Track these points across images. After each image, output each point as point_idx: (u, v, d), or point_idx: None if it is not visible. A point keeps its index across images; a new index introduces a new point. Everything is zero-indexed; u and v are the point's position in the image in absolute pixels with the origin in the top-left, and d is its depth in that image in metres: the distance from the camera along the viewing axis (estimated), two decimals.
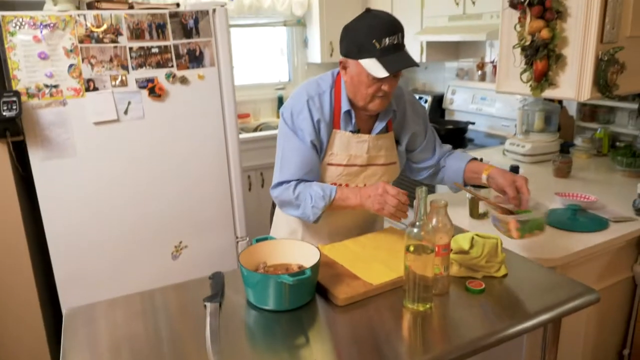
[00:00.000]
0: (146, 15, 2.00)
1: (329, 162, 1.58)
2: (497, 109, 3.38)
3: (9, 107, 1.79)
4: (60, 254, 2.08)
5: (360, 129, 1.59)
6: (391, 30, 1.37)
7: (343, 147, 1.57)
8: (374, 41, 1.36)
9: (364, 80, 1.43)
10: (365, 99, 1.48)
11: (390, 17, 1.42)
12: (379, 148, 1.60)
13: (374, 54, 1.37)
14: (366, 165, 1.60)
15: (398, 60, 1.38)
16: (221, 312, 1.26)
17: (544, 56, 1.80)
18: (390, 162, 1.64)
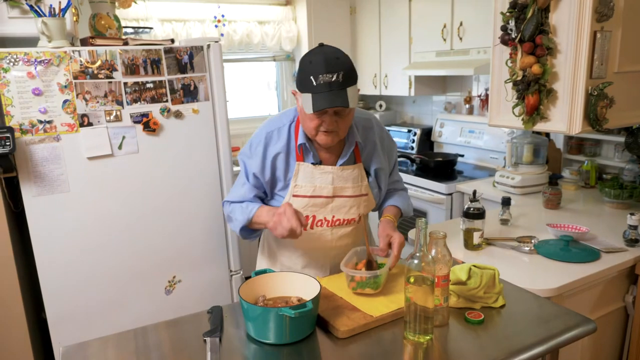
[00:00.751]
0: (141, 51, 2.03)
1: (294, 193, 1.59)
2: (485, 142, 3.45)
3: (2, 143, 1.78)
4: (52, 290, 2.03)
5: (323, 160, 1.60)
6: (329, 68, 1.36)
7: (307, 179, 1.58)
8: (311, 77, 1.37)
9: (309, 115, 1.45)
10: (311, 132, 1.50)
11: (335, 54, 1.40)
12: (345, 179, 1.60)
13: (311, 89, 1.38)
14: (332, 196, 1.60)
15: (328, 98, 1.37)
16: (221, 346, 1.24)
17: (535, 91, 1.85)
18: (360, 194, 1.63)
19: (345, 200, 1.61)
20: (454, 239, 2.06)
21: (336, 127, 1.47)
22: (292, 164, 1.59)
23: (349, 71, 1.40)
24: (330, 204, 1.61)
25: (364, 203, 1.65)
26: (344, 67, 1.38)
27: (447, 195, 3.00)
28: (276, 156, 1.58)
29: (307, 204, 1.59)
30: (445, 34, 3.33)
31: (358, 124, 1.63)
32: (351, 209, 1.63)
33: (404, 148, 4.01)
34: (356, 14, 4.23)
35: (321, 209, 1.61)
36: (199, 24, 3.84)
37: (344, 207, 1.62)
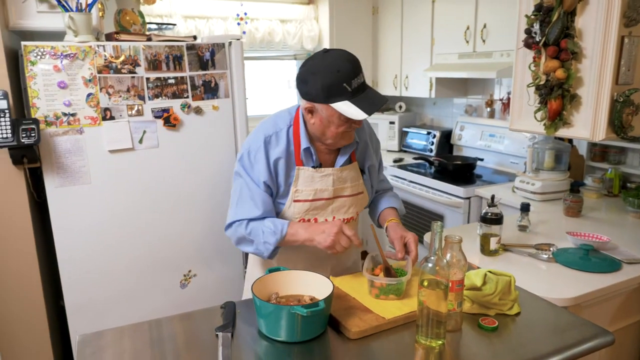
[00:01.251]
0: (164, 47, 2.05)
1: (295, 198, 1.57)
2: (506, 146, 3.40)
3: (28, 134, 1.82)
4: (70, 279, 2.08)
5: (323, 162, 1.59)
6: (356, 71, 1.38)
7: (307, 183, 1.57)
8: (344, 84, 1.36)
9: (335, 121, 1.43)
10: (335, 137, 1.49)
11: (351, 56, 1.42)
12: (344, 180, 1.60)
13: (346, 96, 1.38)
14: (333, 198, 1.60)
15: (369, 99, 1.39)
16: (233, 342, 1.25)
17: (558, 96, 1.82)
18: (358, 193, 1.65)
19: (344, 200, 1.62)
20: (471, 243, 2.04)
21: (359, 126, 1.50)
22: (292, 169, 1.57)
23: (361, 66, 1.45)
24: (331, 205, 1.61)
25: (360, 201, 1.67)
26: (360, 65, 1.42)
27: (465, 199, 2.97)
28: (277, 160, 1.55)
29: (308, 207, 1.58)
30: (468, 35, 3.29)
31: None
32: (350, 208, 1.64)
33: (422, 150, 3.98)
34: (378, 14, 4.21)
35: (322, 211, 1.60)
36: (221, 21, 3.87)
37: (344, 207, 1.63)
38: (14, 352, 2.12)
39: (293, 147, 1.55)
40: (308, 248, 1.57)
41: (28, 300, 2.10)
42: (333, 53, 1.41)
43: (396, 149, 4.23)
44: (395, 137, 4.21)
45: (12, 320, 2.10)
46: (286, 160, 1.55)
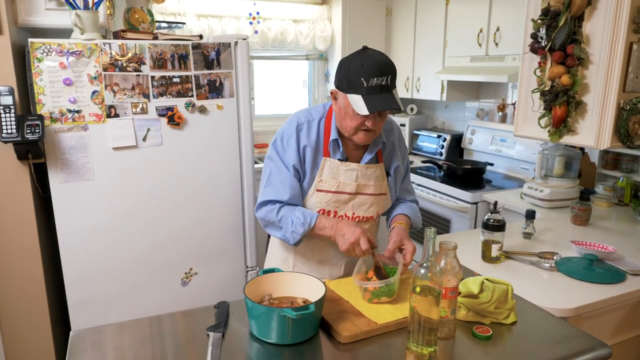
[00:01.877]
0: (169, 46, 2.06)
1: (318, 188, 1.63)
2: (517, 152, 3.36)
3: (32, 130, 1.84)
4: (73, 275, 2.10)
5: (349, 157, 1.64)
6: (381, 71, 1.42)
7: (332, 175, 1.62)
8: (362, 79, 1.42)
9: (350, 113, 1.49)
10: (349, 131, 1.54)
11: (384, 58, 1.47)
12: (368, 177, 1.64)
13: (361, 91, 1.43)
14: (355, 193, 1.64)
15: (381, 101, 1.43)
16: (224, 342, 1.26)
17: (563, 102, 1.78)
18: (380, 193, 1.68)
19: (366, 197, 1.66)
20: (474, 249, 2.01)
21: (376, 127, 1.52)
22: (319, 159, 1.63)
23: (395, 75, 1.48)
24: (352, 201, 1.65)
25: (382, 202, 1.70)
26: (393, 71, 1.46)
27: (472, 204, 2.94)
28: (305, 148, 1.61)
29: (330, 199, 1.63)
30: (481, 39, 3.26)
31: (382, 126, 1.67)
32: (371, 207, 1.67)
33: (433, 153, 3.94)
34: (392, 16, 4.18)
35: (343, 205, 1.65)
36: (234, 20, 3.89)
37: (365, 205, 1.66)
38: (16, 346, 2.15)
39: (323, 138, 1.62)
40: (326, 242, 1.65)
41: (30, 294, 2.13)
42: (369, 51, 1.48)
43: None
44: (406, 139, 4.18)
45: (14, 315, 2.13)
46: (314, 150, 1.62)
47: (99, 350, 1.26)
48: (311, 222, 1.57)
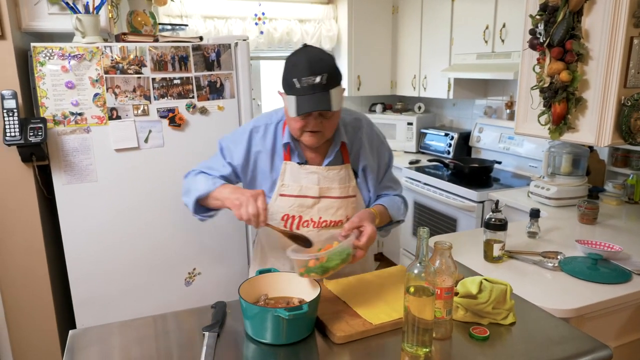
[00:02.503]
0: (170, 48, 2.08)
1: (281, 192, 1.57)
2: (526, 149, 3.31)
3: (35, 133, 1.87)
4: (78, 275, 2.13)
5: (310, 160, 1.58)
6: (312, 70, 1.35)
7: (294, 179, 1.57)
8: (294, 79, 1.36)
9: (291, 114, 1.43)
10: (296, 133, 1.49)
11: (320, 56, 1.39)
12: (331, 180, 1.57)
13: (294, 91, 1.37)
14: (319, 197, 1.57)
15: (312, 101, 1.36)
16: (219, 342, 1.26)
17: (563, 99, 1.74)
18: (347, 196, 1.60)
19: (332, 201, 1.58)
20: (477, 249, 1.99)
21: (321, 128, 1.45)
22: (277, 164, 1.57)
23: (332, 73, 1.38)
24: (317, 205, 1.58)
25: (351, 205, 1.62)
26: (327, 69, 1.37)
27: (479, 203, 2.90)
28: (258, 153, 1.57)
29: (293, 203, 1.57)
30: (487, 35, 3.22)
31: (347, 124, 1.61)
32: (338, 210, 1.59)
33: (440, 152, 3.91)
34: (398, 14, 4.16)
35: (308, 210, 1.58)
36: (240, 21, 3.90)
37: (331, 209, 1.59)
38: (23, 345, 2.19)
39: (280, 142, 1.57)
40: None
41: (36, 294, 2.16)
42: (307, 49, 1.41)
43: (413, 150, 4.17)
44: (413, 138, 4.16)
45: (21, 314, 2.16)
46: (270, 154, 1.57)
47: (95, 349, 1.27)
48: (215, 184, 1.51)
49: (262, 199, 1.39)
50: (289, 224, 1.58)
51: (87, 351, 1.26)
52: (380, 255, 4.37)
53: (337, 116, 1.48)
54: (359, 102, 4.64)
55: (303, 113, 1.37)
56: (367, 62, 4.24)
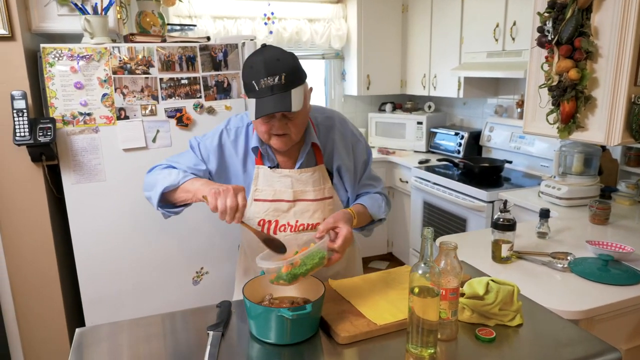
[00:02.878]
0: (177, 48, 2.08)
1: (255, 197, 1.54)
2: (537, 149, 3.28)
3: (44, 133, 1.89)
4: (87, 273, 2.15)
5: (282, 163, 1.54)
6: (268, 71, 1.30)
7: (267, 183, 1.53)
8: (253, 82, 1.32)
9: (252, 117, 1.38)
10: (263, 136, 1.43)
11: (276, 56, 1.34)
12: (305, 183, 1.53)
13: (254, 94, 1.33)
14: (294, 200, 1.53)
15: (271, 103, 1.31)
16: (224, 341, 1.26)
17: (571, 97, 1.71)
18: (323, 198, 1.55)
19: (307, 204, 1.54)
20: (485, 249, 1.97)
21: (287, 130, 1.41)
22: (250, 168, 1.54)
23: (291, 72, 1.34)
24: (293, 209, 1.54)
25: (328, 207, 1.56)
26: (286, 69, 1.33)
27: (488, 203, 2.88)
28: (230, 157, 1.54)
29: (268, 208, 1.53)
30: (498, 33, 3.19)
31: (320, 124, 1.57)
32: (315, 213, 1.55)
33: (451, 151, 3.88)
34: (407, 12, 4.14)
35: (283, 214, 1.54)
36: (249, 21, 3.91)
37: (307, 212, 1.54)
38: (33, 344, 2.22)
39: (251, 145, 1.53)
40: None
41: (46, 293, 2.19)
42: (264, 50, 1.36)
43: (423, 150, 4.15)
44: (423, 137, 4.13)
45: (31, 313, 2.19)
46: (243, 158, 1.53)
47: (99, 348, 1.28)
48: (185, 177, 1.45)
49: (243, 195, 1.32)
50: (265, 228, 1.54)
51: (93, 349, 1.27)
52: (389, 255, 4.36)
53: (302, 117, 1.43)
54: (368, 101, 4.63)
55: (262, 115, 1.32)
56: (377, 61, 4.22)
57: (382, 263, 4.30)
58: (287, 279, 1.28)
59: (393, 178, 4.03)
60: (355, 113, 4.58)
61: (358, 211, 1.50)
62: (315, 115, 1.57)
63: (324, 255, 1.33)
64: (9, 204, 2.07)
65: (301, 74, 1.39)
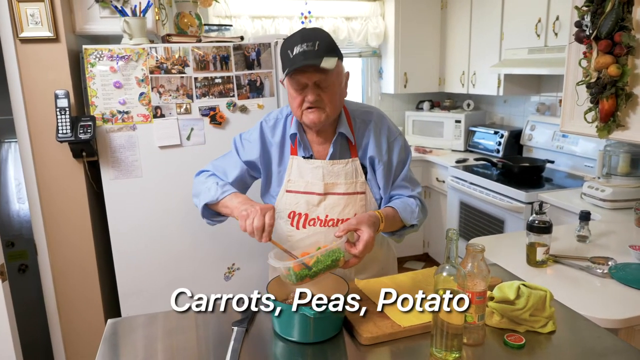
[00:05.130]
0: (211, 48, 2.12)
1: (287, 188, 1.54)
2: (581, 148, 3.15)
3: (85, 130, 1.97)
4: (123, 267, 2.23)
5: (316, 154, 1.52)
6: (302, 38, 1.31)
7: (299, 174, 1.52)
8: (288, 51, 1.33)
9: (292, 93, 1.39)
10: (297, 113, 1.42)
11: (316, 29, 1.36)
12: (337, 175, 1.50)
13: (289, 63, 1.33)
14: (324, 194, 1.51)
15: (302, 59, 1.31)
16: (247, 337, 1.27)
17: (611, 95, 1.63)
18: (354, 192, 1.52)
19: (338, 198, 1.51)
20: (521, 252, 1.90)
21: (320, 103, 1.39)
22: (286, 158, 1.55)
23: (326, 42, 1.34)
24: (323, 202, 1.52)
25: (360, 202, 1.53)
26: (321, 38, 1.33)
27: (527, 204, 2.78)
28: (271, 146, 1.55)
29: (299, 200, 1.53)
30: (540, 29, 3.08)
31: (357, 117, 1.55)
32: (345, 208, 1.51)
33: (490, 151, 3.78)
34: (447, 9, 4.06)
35: (314, 207, 1.52)
36: (287, 20, 3.93)
37: (338, 206, 1.51)
38: (72, 335, 2.31)
39: (289, 135, 1.53)
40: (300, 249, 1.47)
41: (85, 285, 2.28)
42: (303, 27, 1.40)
43: (462, 149, 4.06)
44: (461, 136, 4.04)
45: (71, 304, 2.29)
46: (279, 148, 1.54)
47: (130, 339, 1.32)
48: (225, 192, 1.48)
49: (271, 215, 1.33)
50: (295, 221, 1.54)
51: (121, 340, 1.31)
52: (425, 255, 4.29)
53: (336, 89, 1.41)
54: (405, 99, 4.57)
55: (292, 69, 1.31)
56: (414, 58, 4.16)
57: (418, 264, 4.24)
58: (294, 279, 1.27)
59: (429, 177, 3.97)
60: (392, 111, 4.53)
61: (387, 214, 1.45)
62: (353, 108, 1.56)
63: (339, 258, 1.30)
64: (51, 198, 2.17)
65: (336, 49, 1.38)
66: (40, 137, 2.11)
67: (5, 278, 1.75)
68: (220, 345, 1.24)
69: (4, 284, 1.73)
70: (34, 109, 2.09)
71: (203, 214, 1.55)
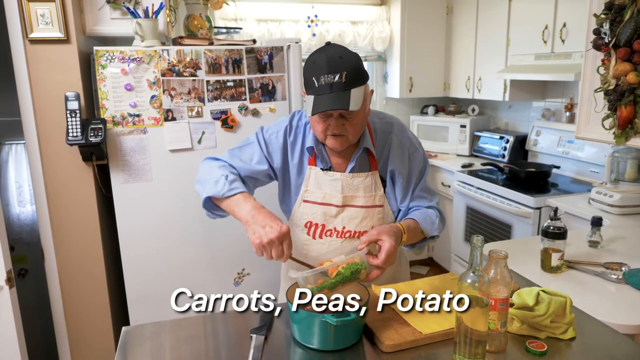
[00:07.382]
0: (224, 51, 2.11)
1: (304, 198, 1.52)
2: (587, 154, 3.15)
3: (95, 133, 1.95)
4: (132, 272, 2.20)
5: (335, 166, 1.50)
6: (330, 68, 1.27)
7: (317, 185, 1.50)
8: (313, 78, 1.30)
9: (316, 117, 1.36)
10: (320, 136, 1.41)
11: (339, 54, 1.31)
12: (356, 188, 1.48)
13: (313, 90, 1.30)
14: (343, 206, 1.49)
15: (328, 100, 1.28)
16: (266, 345, 1.26)
17: (629, 102, 1.63)
18: (373, 205, 1.50)
19: (356, 210, 1.50)
20: (533, 258, 1.90)
21: (344, 131, 1.37)
22: (304, 167, 1.52)
23: (353, 72, 1.30)
24: (341, 214, 1.50)
25: (377, 215, 1.52)
26: (348, 67, 1.29)
27: (535, 209, 2.78)
28: (291, 153, 1.52)
29: (316, 211, 1.51)
30: (546, 35, 3.09)
31: (378, 129, 1.53)
32: (363, 220, 1.50)
33: (495, 156, 3.79)
34: (452, 14, 4.07)
35: (332, 219, 1.51)
36: (293, 23, 3.93)
37: (355, 218, 1.50)
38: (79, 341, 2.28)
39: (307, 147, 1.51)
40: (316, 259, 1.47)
41: (93, 290, 2.25)
42: (329, 47, 1.33)
43: (466, 154, 4.06)
44: (466, 141, 4.05)
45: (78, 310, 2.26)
46: (299, 157, 1.52)
47: (146, 346, 1.30)
48: (232, 190, 1.40)
49: (288, 244, 1.30)
50: (312, 231, 1.52)
51: (139, 348, 1.29)
52: (430, 260, 4.29)
53: (360, 118, 1.39)
54: (410, 103, 4.57)
55: (318, 112, 1.29)
56: (420, 63, 4.16)
57: (423, 268, 4.24)
58: (316, 290, 1.24)
59: (435, 182, 3.97)
60: (397, 116, 4.47)
61: (409, 226, 1.44)
62: (374, 119, 1.53)
63: (360, 270, 1.28)
64: (60, 201, 2.15)
65: (363, 74, 1.35)
66: (49, 139, 2.09)
67: (13, 284, 1.73)
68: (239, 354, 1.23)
69: (11, 290, 1.71)
70: (43, 111, 2.07)
71: (204, 205, 1.49)
